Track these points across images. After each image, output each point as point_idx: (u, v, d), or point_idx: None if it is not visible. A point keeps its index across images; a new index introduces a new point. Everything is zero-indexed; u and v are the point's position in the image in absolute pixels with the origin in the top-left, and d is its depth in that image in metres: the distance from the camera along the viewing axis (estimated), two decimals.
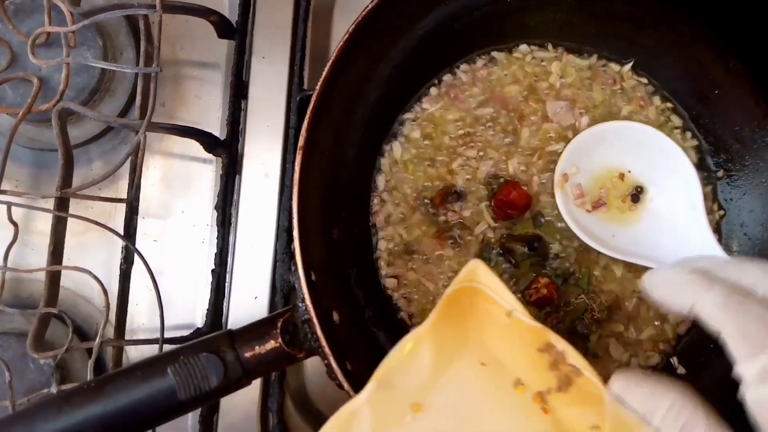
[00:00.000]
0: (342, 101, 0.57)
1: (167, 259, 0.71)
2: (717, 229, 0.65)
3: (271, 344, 0.49)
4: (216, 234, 0.69)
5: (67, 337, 0.60)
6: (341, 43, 0.53)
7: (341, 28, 0.73)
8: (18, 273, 0.65)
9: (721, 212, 0.66)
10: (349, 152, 0.62)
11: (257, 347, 0.49)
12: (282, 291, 0.67)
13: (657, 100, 0.67)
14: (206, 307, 0.68)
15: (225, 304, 0.68)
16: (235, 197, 0.70)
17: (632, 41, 0.65)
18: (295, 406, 0.68)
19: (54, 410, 0.48)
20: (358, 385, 0.50)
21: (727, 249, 0.64)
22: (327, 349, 0.49)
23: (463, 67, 0.67)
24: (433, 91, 0.67)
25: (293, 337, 0.50)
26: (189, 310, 0.70)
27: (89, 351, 0.61)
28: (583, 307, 0.64)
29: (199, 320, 0.69)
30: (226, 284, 0.68)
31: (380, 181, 0.66)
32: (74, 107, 0.61)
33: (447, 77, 0.67)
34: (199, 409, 0.65)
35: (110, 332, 0.65)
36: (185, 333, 0.66)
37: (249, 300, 0.67)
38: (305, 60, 0.71)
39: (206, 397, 0.48)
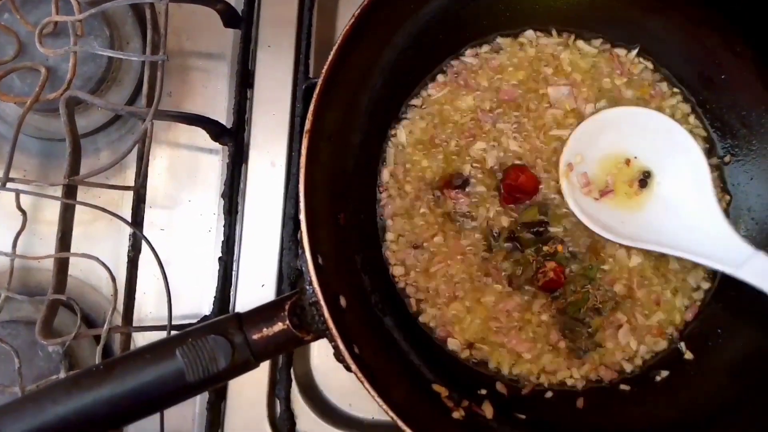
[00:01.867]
0: (348, 86, 0.57)
1: (174, 248, 0.71)
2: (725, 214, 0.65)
3: (279, 326, 0.49)
4: (223, 222, 0.69)
5: (75, 325, 0.60)
6: (347, 27, 0.53)
7: (346, 17, 0.72)
8: (26, 262, 0.66)
9: (728, 197, 0.65)
10: (355, 138, 0.62)
11: (265, 329, 0.49)
12: (289, 278, 0.67)
13: (663, 86, 0.67)
14: (213, 295, 0.68)
15: (232, 291, 0.68)
16: (241, 186, 0.70)
17: (638, 26, 0.65)
18: (302, 394, 0.68)
19: (63, 392, 0.48)
20: (365, 367, 0.50)
21: None
22: (335, 331, 0.49)
23: (469, 52, 0.67)
24: (440, 77, 0.67)
25: (301, 319, 0.50)
26: (196, 298, 0.70)
27: (97, 338, 0.61)
28: (587, 297, 0.64)
29: (206, 308, 0.69)
30: (233, 272, 0.69)
31: (386, 169, 0.66)
32: (82, 95, 0.62)
33: (454, 63, 0.67)
34: (207, 396, 0.65)
35: (118, 320, 0.65)
36: (192, 321, 0.67)
37: (256, 287, 0.68)
38: (311, 49, 0.71)
39: (215, 379, 0.48)
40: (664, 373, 0.63)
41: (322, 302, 0.49)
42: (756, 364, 0.60)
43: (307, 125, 0.52)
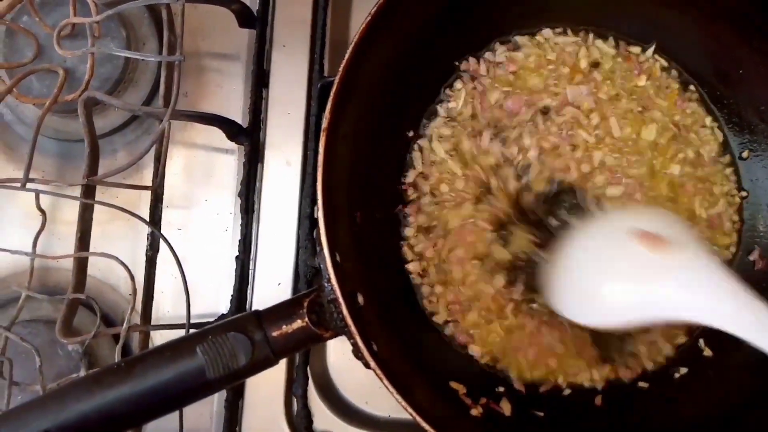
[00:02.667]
0: (365, 83, 0.56)
1: (191, 247, 0.72)
2: (739, 210, 0.65)
3: (298, 323, 0.49)
4: (239, 222, 0.70)
5: (95, 324, 0.61)
6: (364, 24, 0.53)
7: (360, 16, 0.72)
8: (44, 262, 0.66)
9: (743, 194, 0.65)
10: (373, 136, 0.61)
11: (284, 326, 0.49)
12: (305, 277, 0.67)
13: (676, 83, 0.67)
14: (230, 294, 0.68)
15: (249, 290, 0.69)
16: (257, 185, 0.71)
17: (654, 22, 0.65)
18: (319, 392, 0.68)
19: (84, 390, 0.49)
20: (384, 364, 0.50)
21: (753, 230, 0.64)
22: (353, 328, 0.49)
23: (487, 55, 0.68)
24: (458, 84, 0.67)
25: (319, 316, 0.50)
26: (212, 297, 0.71)
27: (116, 337, 0.62)
28: None
29: (223, 307, 0.69)
30: (250, 271, 0.69)
31: (411, 171, 0.67)
32: (100, 96, 0.62)
33: (471, 62, 0.67)
34: (225, 394, 0.66)
35: (136, 319, 0.66)
36: (209, 319, 0.67)
37: (272, 286, 0.68)
38: (325, 48, 0.71)
39: (235, 376, 0.49)
40: (683, 371, 0.63)
41: (341, 299, 0.49)
42: None
43: (325, 123, 0.52)
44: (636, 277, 0.49)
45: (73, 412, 0.48)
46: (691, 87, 0.66)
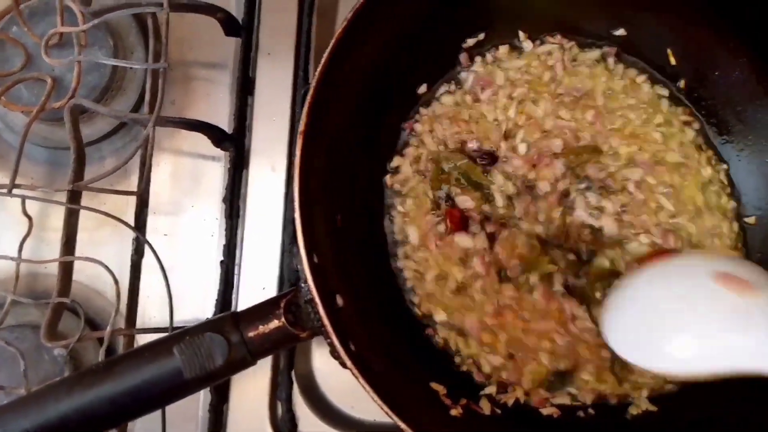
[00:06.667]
0: (344, 88, 0.57)
1: (177, 253, 0.72)
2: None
3: (275, 324, 0.50)
4: (224, 227, 0.70)
5: (80, 329, 0.61)
6: (341, 29, 0.54)
7: None
8: (33, 268, 0.67)
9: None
10: (355, 140, 0.62)
11: (261, 327, 0.50)
12: (290, 281, 0.68)
13: (658, 87, 0.67)
14: (215, 298, 0.69)
15: (234, 295, 0.69)
16: (242, 190, 0.71)
17: (631, 25, 0.66)
18: (304, 395, 0.68)
19: (65, 391, 0.49)
20: (361, 363, 0.50)
21: None
22: (329, 328, 0.49)
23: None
24: (446, 86, 0.69)
25: (296, 317, 0.51)
26: (198, 302, 0.71)
27: (101, 341, 0.62)
28: None
29: (209, 312, 0.70)
30: (235, 275, 0.69)
31: (395, 175, 0.67)
32: (86, 103, 0.63)
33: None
34: (209, 398, 0.66)
35: (121, 323, 0.66)
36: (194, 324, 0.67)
37: (257, 290, 0.68)
38: (310, 55, 0.72)
39: (212, 377, 0.49)
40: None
41: (317, 299, 0.50)
42: None
43: (301, 126, 0.53)
44: (721, 322, 0.45)
45: (53, 413, 0.48)
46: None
